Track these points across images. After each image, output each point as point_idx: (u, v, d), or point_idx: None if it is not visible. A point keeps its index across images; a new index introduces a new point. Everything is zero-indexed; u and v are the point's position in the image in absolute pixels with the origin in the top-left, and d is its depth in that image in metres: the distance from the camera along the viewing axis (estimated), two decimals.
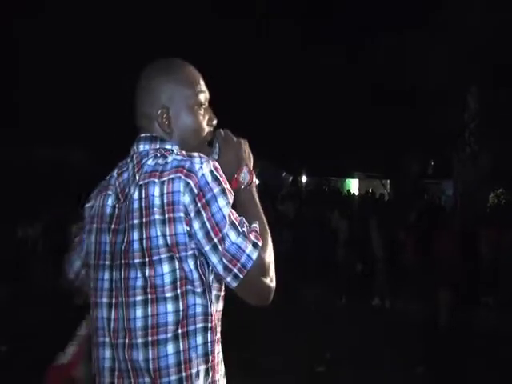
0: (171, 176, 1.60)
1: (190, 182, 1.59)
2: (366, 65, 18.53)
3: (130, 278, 1.63)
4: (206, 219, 1.59)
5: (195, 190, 1.59)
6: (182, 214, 1.58)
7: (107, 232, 1.72)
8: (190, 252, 1.60)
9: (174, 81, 1.81)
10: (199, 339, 1.63)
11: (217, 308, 1.69)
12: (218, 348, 1.70)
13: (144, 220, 1.60)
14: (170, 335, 1.60)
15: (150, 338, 1.60)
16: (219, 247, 1.59)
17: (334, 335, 8.02)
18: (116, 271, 1.67)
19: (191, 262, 1.61)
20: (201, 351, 1.63)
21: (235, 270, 1.60)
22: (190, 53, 3.10)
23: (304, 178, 32.29)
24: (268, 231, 1.75)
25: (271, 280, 1.67)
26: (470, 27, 15.04)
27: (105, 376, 1.69)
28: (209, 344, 1.65)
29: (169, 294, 1.60)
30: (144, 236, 1.60)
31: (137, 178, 1.66)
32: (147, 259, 1.60)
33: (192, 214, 1.58)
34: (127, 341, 1.63)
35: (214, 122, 1.90)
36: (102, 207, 1.76)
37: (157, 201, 1.59)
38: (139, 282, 1.61)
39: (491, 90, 16.17)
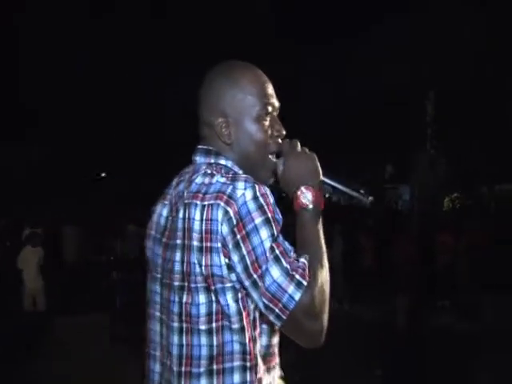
0: (211, 202, 1.45)
1: (230, 210, 1.43)
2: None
3: (170, 300, 1.55)
4: (245, 252, 1.43)
5: (234, 220, 1.43)
6: (219, 245, 1.44)
7: (160, 244, 1.63)
8: (229, 285, 1.47)
9: (236, 86, 1.64)
10: (236, 378, 1.49)
11: (262, 343, 1.55)
12: None
13: (185, 242, 1.49)
14: (202, 369, 1.49)
15: (183, 369, 1.51)
16: (259, 284, 1.42)
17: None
18: (163, 288, 1.60)
19: (229, 296, 1.47)
20: None
21: (277, 311, 1.42)
22: None
23: None
24: (324, 264, 1.53)
25: (321, 321, 1.47)
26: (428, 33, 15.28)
27: None
28: None
29: (203, 327, 1.49)
30: (185, 259, 1.49)
31: (185, 194, 1.54)
32: (186, 284, 1.50)
33: (230, 246, 1.44)
34: (168, 363, 1.56)
35: (283, 133, 1.71)
36: (158, 215, 1.67)
37: (196, 225, 1.46)
38: (176, 308, 1.52)
39: (449, 96, 16.44)
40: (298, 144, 1.70)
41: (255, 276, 1.42)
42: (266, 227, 1.44)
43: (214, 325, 1.48)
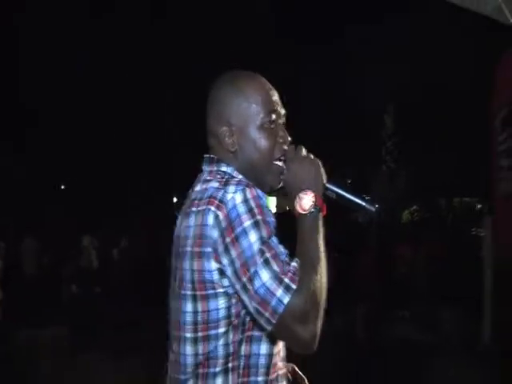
0: (203, 207, 1.48)
1: (220, 214, 1.45)
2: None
3: (173, 308, 1.61)
4: (234, 256, 1.43)
5: (223, 224, 1.44)
6: (210, 250, 1.46)
7: (172, 255, 1.64)
8: (221, 290, 1.48)
9: (241, 95, 1.66)
10: (218, 381, 1.51)
11: (261, 352, 1.55)
12: None
13: (181, 250, 1.53)
14: (188, 376, 1.54)
15: (173, 375, 1.59)
16: (248, 287, 1.42)
17: None
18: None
19: (221, 301, 1.49)
20: None
21: (266, 315, 1.41)
22: None
23: None
24: (318, 270, 1.50)
25: (313, 327, 1.45)
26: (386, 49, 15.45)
27: None
28: None
29: (188, 335, 1.53)
30: (179, 267, 1.53)
31: (187, 203, 1.59)
32: (181, 292, 1.54)
33: (220, 250, 1.45)
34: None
35: (287, 139, 1.72)
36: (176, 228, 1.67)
37: (190, 232, 1.49)
38: (174, 316, 1.59)
39: (408, 109, 16.64)
40: (303, 150, 1.71)
41: (244, 279, 1.42)
42: (255, 230, 1.44)
43: (199, 334, 1.51)
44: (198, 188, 1.58)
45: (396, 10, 15.91)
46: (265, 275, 1.41)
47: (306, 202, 1.60)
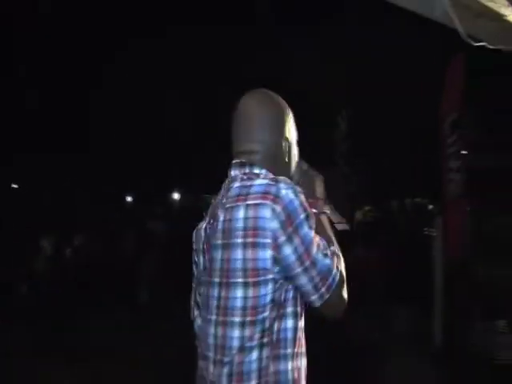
0: (257, 201, 1.67)
1: (277, 207, 1.65)
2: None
3: (209, 296, 1.78)
4: (297, 244, 1.66)
5: (282, 216, 1.65)
6: (268, 240, 1.64)
7: (202, 253, 1.85)
8: (271, 276, 1.68)
9: (290, 115, 1.98)
10: (254, 355, 1.70)
11: (288, 326, 1.75)
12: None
13: (226, 242, 1.71)
14: (232, 358, 1.71)
15: (218, 357, 1.75)
16: (311, 269, 1.68)
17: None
18: (206, 288, 1.81)
19: (269, 287, 1.68)
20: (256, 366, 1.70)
21: (323, 290, 1.71)
22: None
23: (176, 196, 32.09)
24: (340, 254, 1.86)
25: (346, 295, 1.80)
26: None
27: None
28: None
29: (237, 319, 1.70)
30: (225, 257, 1.71)
31: (224, 200, 1.77)
32: (224, 280, 1.72)
33: (282, 240, 1.65)
34: (211, 355, 1.78)
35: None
36: (199, 231, 1.92)
37: (239, 224, 1.67)
38: (215, 302, 1.75)
39: (362, 112, 16.79)
40: (305, 164, 2.08)
41: (307, 263, 1.68)
42: (308, 221, 1.70)
43: (248, 318, 1.69)
44: (237, 185, 1.78)
45: (350, 12, 15.99)
46: (321, 257, 1.70)
47: (319, 208, 1.95)
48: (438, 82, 8.01)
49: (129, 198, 30.81)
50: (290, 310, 1.74)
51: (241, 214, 1.67)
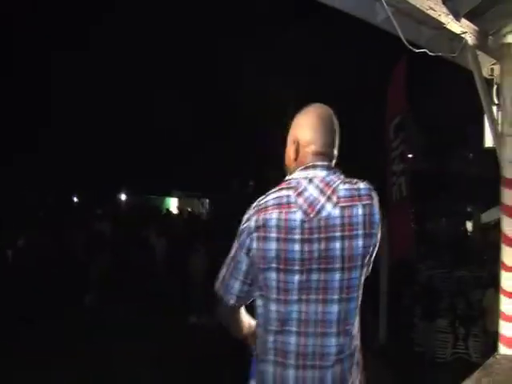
0: (368, 202, 2.07)
1: (376, 206, 2.09)
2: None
3: (327, 281, 2.02)
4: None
5: (379, 214, 2.10)
6: (376, 231, 2.08)
7: (296, 241, 2.02)
8: (370, 260, 2.11)
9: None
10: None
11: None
12: None
13: (347, 234, 2.02)
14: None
15: (341, 328, 2.07)
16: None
17: (152, 353, 7.99)
18: (306, 274, 2.02)
19: (364, 270, 2.09)
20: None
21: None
22: None
23: (123, 197, 31.83)
24: None
25: None
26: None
27: (290, 358, 2.03)
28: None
29: (354, 295, 2.08)
30: (346, 246, 2.01)
31: (334, 199, 2.05)
32: (346, 265, 2.01)
33: (379, 231, 2.10)
34: (320, 330, 2.03)
35: None
36: (285, 221, 2.03)
37: (359, 219, 2.03)
38: (337, 284, 2.02)
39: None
40: None
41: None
42: None
43: (355, 294, 2.07)
44: (345, 187, 2.08)
45: (301, 18, 16.15)
46: None
47: None
48: (383, 87, 8.14)
49: (75, 199, 30.44)
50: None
51: (360, 211, 2.04)
